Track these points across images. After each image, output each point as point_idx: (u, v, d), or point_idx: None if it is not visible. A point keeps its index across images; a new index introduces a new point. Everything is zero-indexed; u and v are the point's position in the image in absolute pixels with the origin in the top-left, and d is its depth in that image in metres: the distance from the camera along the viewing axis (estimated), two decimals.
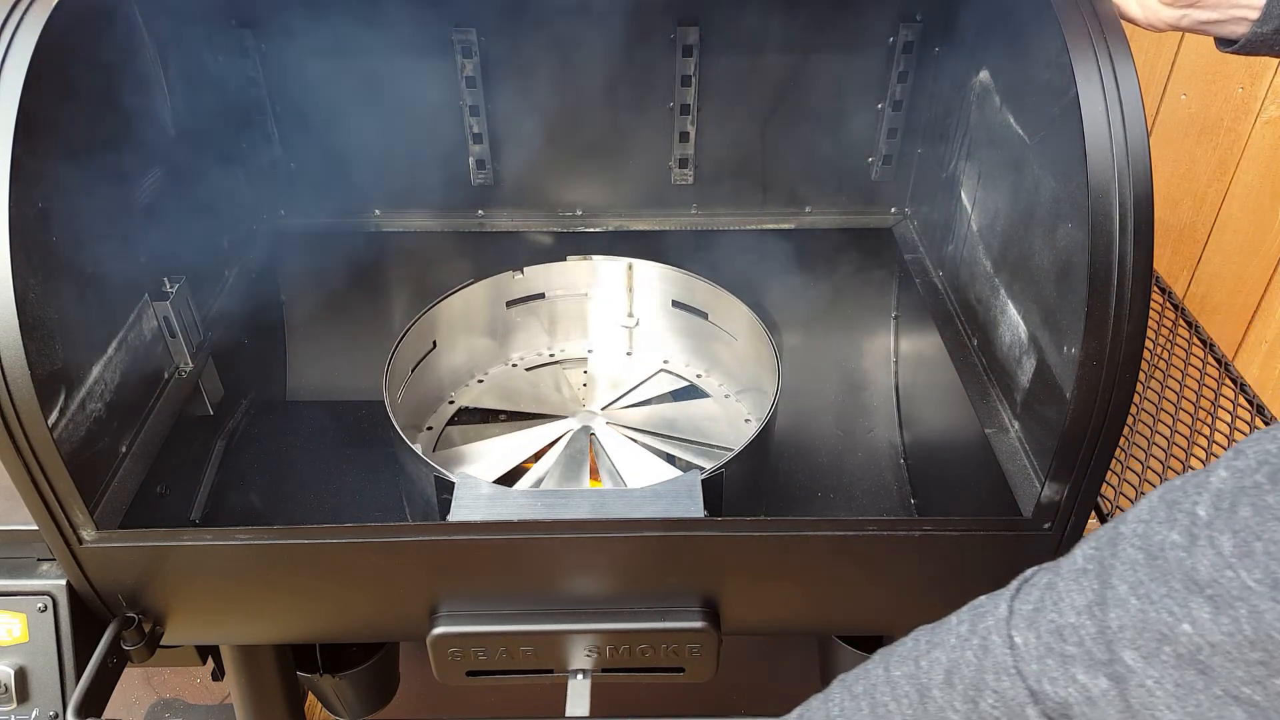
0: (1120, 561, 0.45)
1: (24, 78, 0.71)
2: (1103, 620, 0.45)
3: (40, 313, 0.76)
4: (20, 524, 0.82)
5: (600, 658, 0.90)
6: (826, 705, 0.64)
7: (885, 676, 0.60)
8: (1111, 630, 0.44)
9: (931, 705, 0.55)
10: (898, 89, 1.23)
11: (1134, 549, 0.45)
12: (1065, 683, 0.46)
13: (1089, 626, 0.45)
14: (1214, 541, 0.41)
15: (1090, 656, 0.45)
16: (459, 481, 0.90)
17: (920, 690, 0.56)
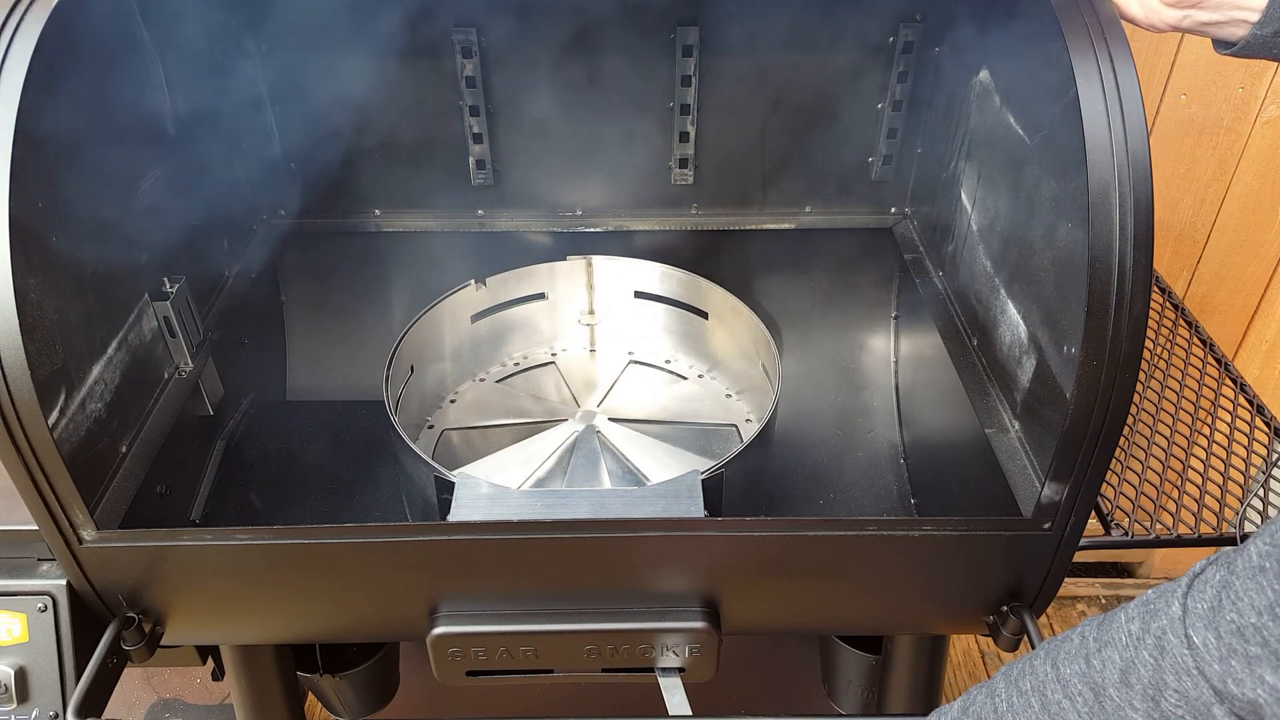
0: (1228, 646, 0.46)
1: (24, 78, 0.71)
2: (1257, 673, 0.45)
3: (40, 313, 0.76)
4: (20, 524, 0.82)
5: (600, 658, 0.90)
6: (994, 701, 0.64)
7: (1054, 674, 0.60)
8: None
9: (1109, 704, 0.55)
10: (898, 89, 1.23)
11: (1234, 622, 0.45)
12: (1253, 684, 0.46)
13: (1273, 628, 0.45)
14: None
15: (1277, 657, 0.45)
16: (459, 482, 0.90)
17: (1095, 689, 0.56)
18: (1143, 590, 1.51)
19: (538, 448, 1.14)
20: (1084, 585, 2.14)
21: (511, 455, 1.13)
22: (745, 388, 1.27)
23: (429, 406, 1.26)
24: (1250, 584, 0.47)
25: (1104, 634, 0.57)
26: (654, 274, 1.29)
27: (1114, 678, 0.55)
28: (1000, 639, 0.91)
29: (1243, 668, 0.46)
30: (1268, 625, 0.45)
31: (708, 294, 1.26)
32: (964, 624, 0.97)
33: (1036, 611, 0.90)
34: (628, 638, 0.88)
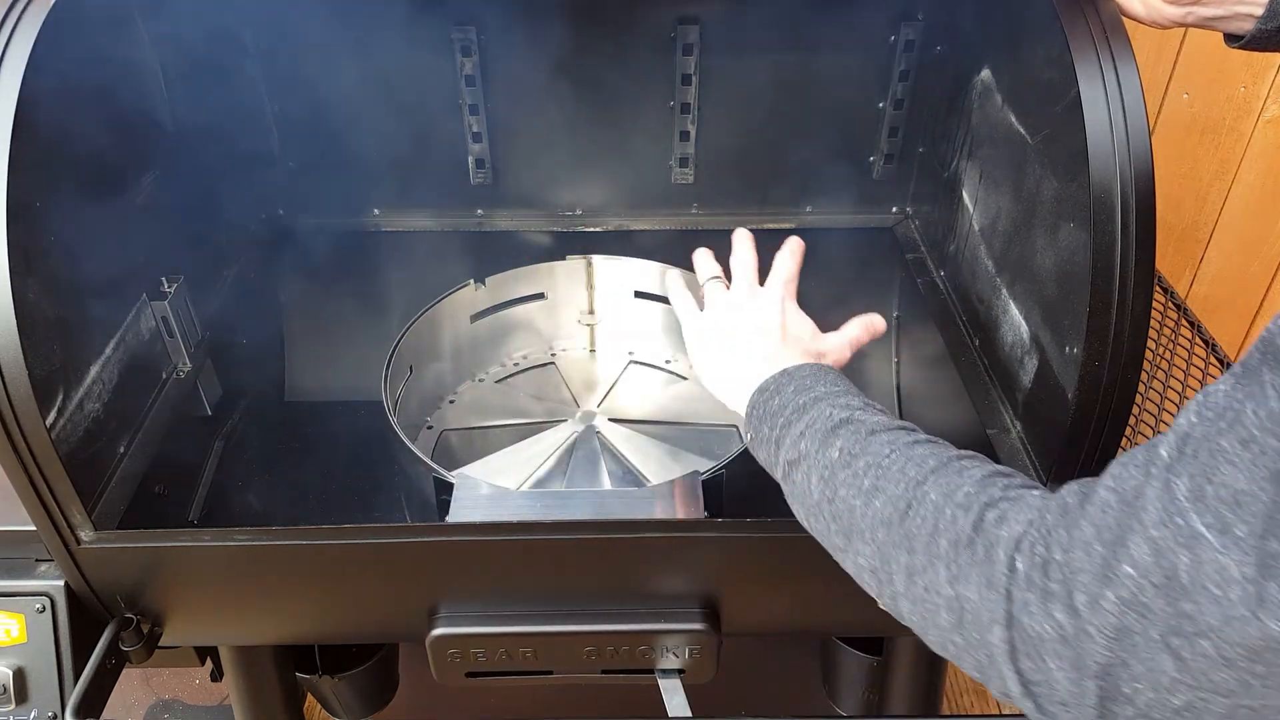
0: (1092, 505, 0.46)
1: (22, 77, 0.71)
2: (1070, 556, 0.46)
3: (38, 313, 0.75)
4: (18, 524, 0.82)
5: (600, 659, 0.90)
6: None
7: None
8: (1074, 569, 0.45)
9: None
10: (899, 88, 1.22)
11: (1107, 490, 0.45)
12: (1043, 618, 0.47)
13: (1066, 564, 0.46)
14: (1170, 485, 0.41)
15: (1070, 598, 0.46)
16: (458, 482, 0.90)
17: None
18: None
19: (537, 448, 1.14)
20: None
21: (511, 456, 1.13)
22: None
23: (428, 407, 1.25)
24: (1061, 522, 0.48)
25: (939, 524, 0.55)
26: (654, 274, 1.29)
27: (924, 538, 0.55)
28: None
29: (1038, 602, 0.47)
30: (1070, 561, 0.46)
31: None
32: None
33: None
34: (627, 639, 0.88)
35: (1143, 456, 0.44)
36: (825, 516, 0.62)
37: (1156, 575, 0.41)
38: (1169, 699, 0.42)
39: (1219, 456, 0.39)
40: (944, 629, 0.53)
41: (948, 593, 0.52)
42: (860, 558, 0.59)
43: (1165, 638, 0.41)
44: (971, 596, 0.51)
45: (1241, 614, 0.37)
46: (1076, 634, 0.45)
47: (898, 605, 0.57)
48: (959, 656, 0.53)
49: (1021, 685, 0.49)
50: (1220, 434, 0.39)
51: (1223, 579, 0.38)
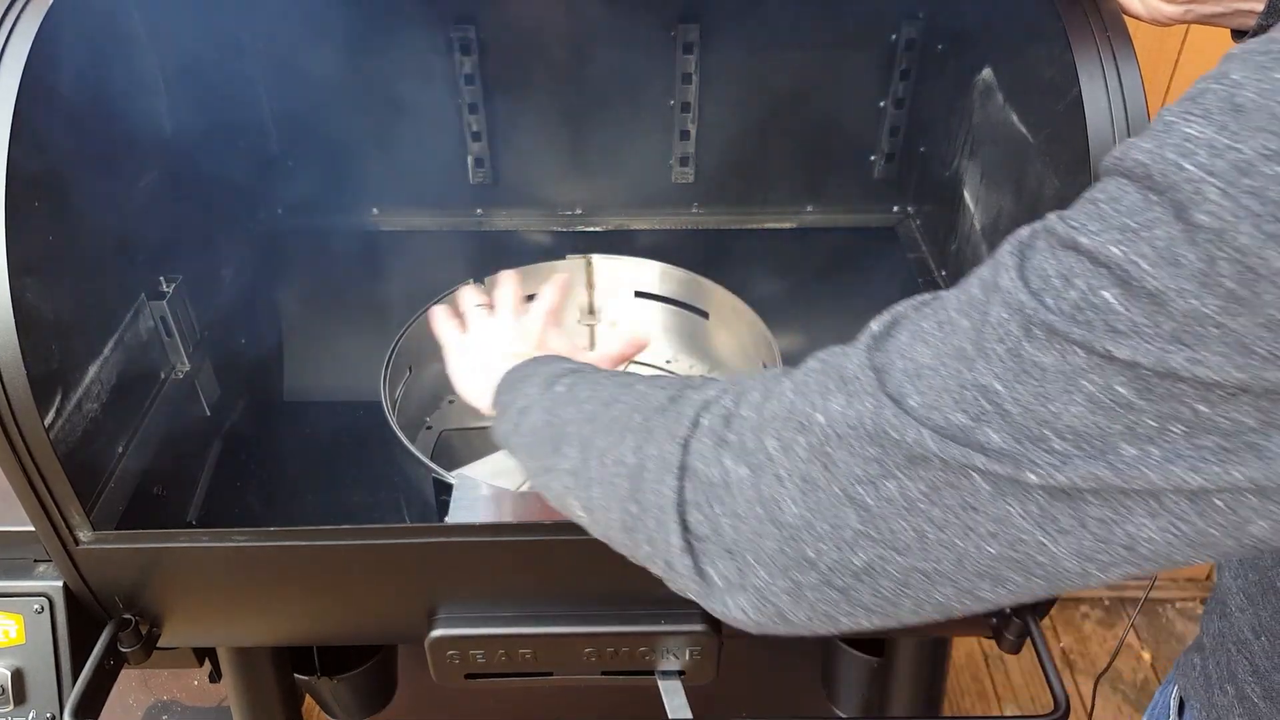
0: (797, 371, 0.48)
1: (20, 77, 0.71)
2: (762, 411, 0.47)
3: (36, 313, 0.75)
4: (16, 525, 0.82)
5: (600, 660, 0.89)
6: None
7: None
8: (765, 420, 0.46)
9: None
10: (900, 87, 1.22)
11: (814, 360, 0.48)
12: (715, 464, 0.48)
13: (753, 418, 0.48)
14: (871, 352, 0.44)
15: (742, 445, 0.47)
16: (458, 483, 0.90)
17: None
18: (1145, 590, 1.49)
19: None
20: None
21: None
22: None
23: (427, 407, 1.25)
24: (757, 382, 0.50)
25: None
26: (654, 273, 1.28)
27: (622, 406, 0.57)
28: (1003, 642, 0.90)
29: (712, 449, 0.48)
30: (750, 417, 0.48)
31: (708, 294, 1.25)
32: (967, 626, 0.96)
33: (1039, 614, 0.89)
34: (627, 640, 0.88)
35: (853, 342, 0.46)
36: (543, 440, 0.62)
37: (842, 426, 0.42)
38: (851, 558, 0.43)
39: (918, 336, 0.42)
40: (623, 498, 0.53)
41: (632, 461, 0.53)
42: (565, 462, 0.59)
43: (848, 488, 0.42)
44: (652, 454, 0.51)
45: (916, 447, 0.40)
46: (755, 481, 0.45)
47: (591, 501, 0.57)
48: (635, 529, 0.53)
49: (684, 541, 0.49)
50: (923, 318, 0.43)
51: (901, 426, 0.40)
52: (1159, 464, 0.37)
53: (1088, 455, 0.38)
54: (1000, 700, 1.91)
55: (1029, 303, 0.38)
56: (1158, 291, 0.35)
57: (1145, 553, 0.39)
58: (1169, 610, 2.10)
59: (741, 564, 0.47)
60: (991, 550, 0.41)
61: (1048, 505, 0.39)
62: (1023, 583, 0.42)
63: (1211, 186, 0.34)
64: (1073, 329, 0.37)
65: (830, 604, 0.45)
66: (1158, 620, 2.08)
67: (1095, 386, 0.37)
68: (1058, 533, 0.40)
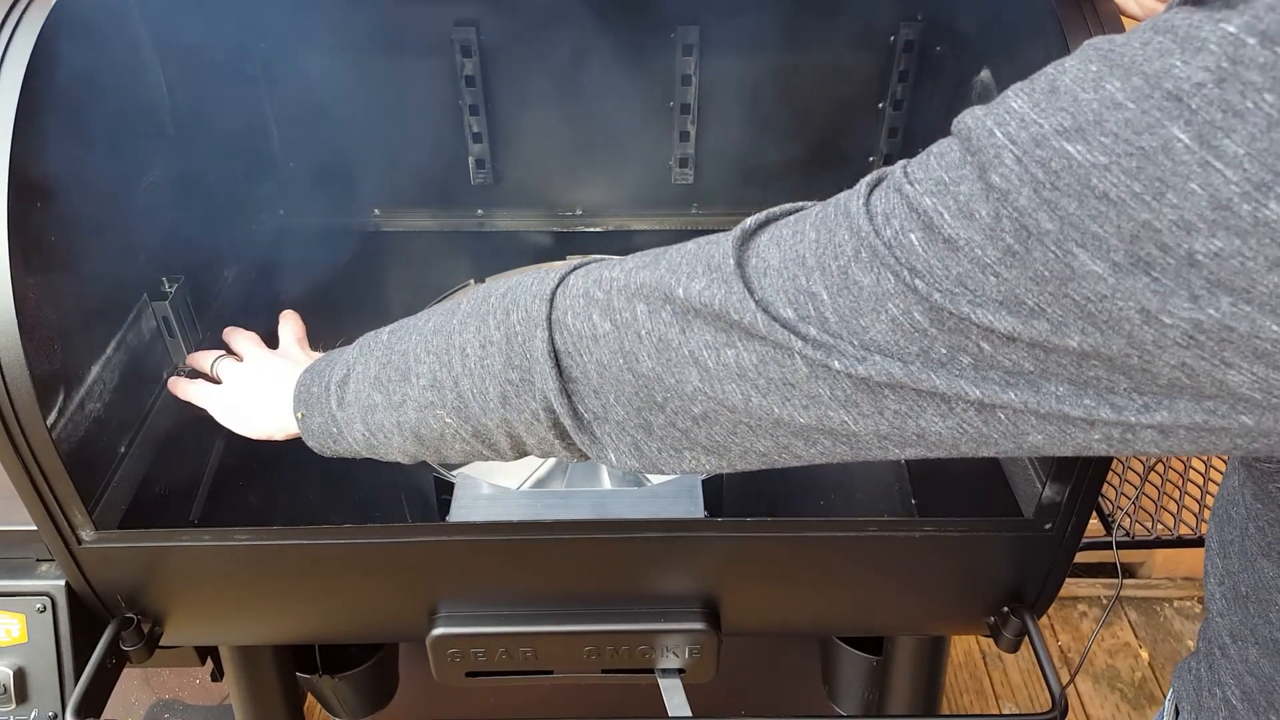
0: (680, 250, 0.54)
1: (22, 77, 0.71)
2: (632, 277, 0.53)
3: (39, 313, 0.76)
4: (19, 524, 0.82)
5: (600, 659, 0.90)
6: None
7: None
8: (635, 286, 0.53)
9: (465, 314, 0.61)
10: (899, 88, 1.22)
11: (696, 243, 0.54)
12: (585, 319, 0.54)
13: (621, 280, 0.54)
14: (730, 235, 0.52)
15: (610, 304, 0.53)
16: (458, 482, 0.90)
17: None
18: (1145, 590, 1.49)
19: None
20: (1085, 586, 2.14)
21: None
22: None
23: None
24: (631, 259, 0.56)
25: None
26: None
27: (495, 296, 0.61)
28: (1001, 640, 0.91)
29: (584, 308, 0.54)
30: (617, 278, 0.54)
31: None
32: (965, 625, 0.97)
33: (1037, 612, 0.90)
34: (627, 639, 0.88)
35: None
36: (386, 381, 0.64)
37: (698, 302, 0.49)
38: (690, 406, 0.51)
39: (774, 240, 0.51)
40: (498, 372, 0.57)
41: (498, 336, 0.57)
42: (421, 380, 0.61)
43: (696, 351, 0.49)
44: (519, 318, 0.56)
45: (751, 327, 0.47)
46: (619, 337, 0.52)
47: (461, 397, 0.59)
48: (517, 394, 0.57)
49: (559, 384, 0.54)
50: (784, 225, 0.52)
51: (742, 308, 0.47)
52: (946, 378, 0.43)
53: (888, 358, 0.44)
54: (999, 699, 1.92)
55: (865, 228, 0.44)
56: (951, 239, 0.40)
57: (934, 441, 0.46)
58: (1167, 609, 2.11)
59: (605, 402, 0.54)
60: (803, 420, 0.48)
61: (852, 392, 0.46)
62: (830, 446, 0.50)
63: (1009, 153, 0.39)
64: (888, 258, 0.43)
65: (674, 441, 0.53)
66: (1156, 619, 2.08)
67: (898, 310, 0.43)
68: (859, 415, 0.46)
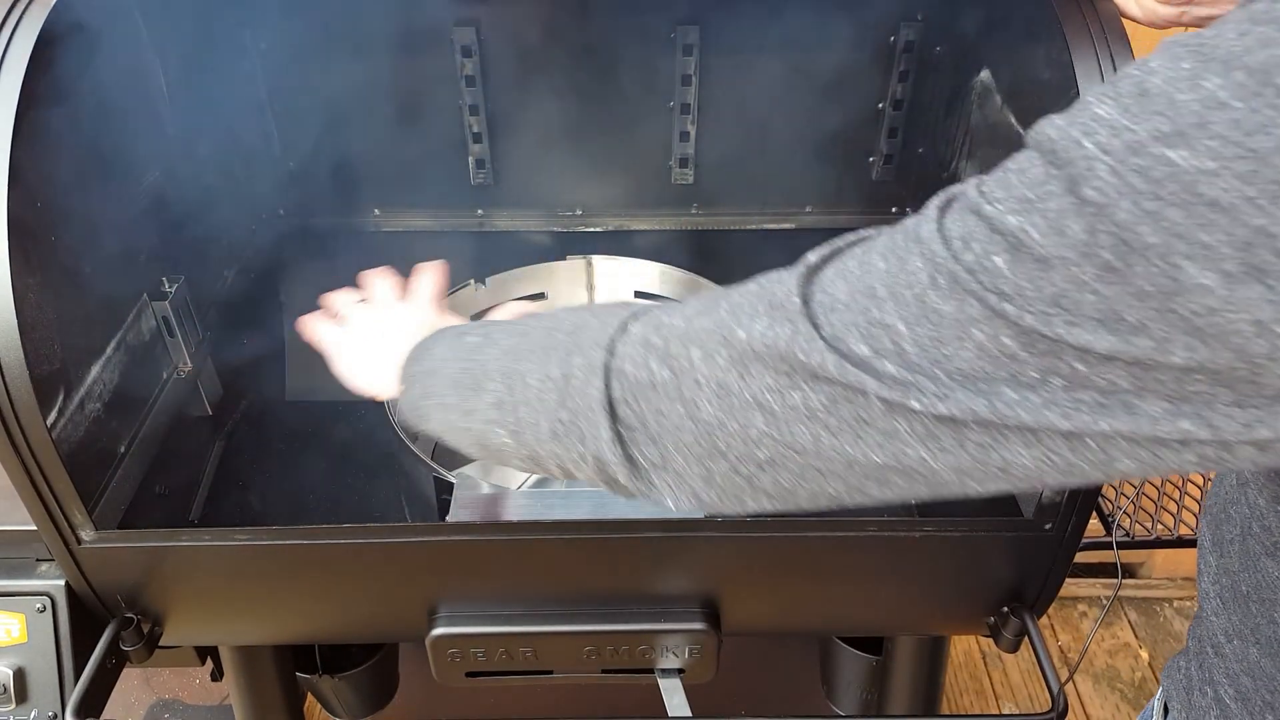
0: (733, 290, 0.52)
1: (22, 77, 0.71)
2: (692, 323, 0.52)
3: (39, 313, 0.76)
4: (19, 524, 0.82)
5: (600, 659, 0.90)
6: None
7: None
8: (693, 331, 0.51)
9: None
10: (899, 88, 1.22)
11: (752, 283, 0.52)
12: (642, 366, 0.52)
13: (680, 327, 0.52)
14: (793, 270, 0.50)
15: (667, 351, 0.52)
16: (458, 482, 0.90)
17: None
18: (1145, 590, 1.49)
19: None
20: (1085, 586, 2.14)
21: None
22: None
23: None
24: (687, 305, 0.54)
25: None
26: (654, 274, 1.29)
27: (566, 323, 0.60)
28: (1001, 640, 0.90)
29: (641, 354, 0.53)
30: (677, 324, 0.53)
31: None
32: (965, 625, 0.97)
33: (1037, 612, 0.90)
34: (627, 639, 0.88)
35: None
36: (462, 387, 0.65)
37: (759, 344, 0.47)
38: (755, 452, 0.49)
39: (840, 273, 0.47)
40: (552, 409, 0.56)
41: (557, 374, 0.57)
42: (489, 397, 0.62)
43: (758, 395, 0.47)
44: (578, 363, 0.55)
45: (820, 369, 0.45)
46: (677, 384, 0.51)
47: (519, 422, 0.59)
48: (565, 435, 0.56)
49: (614, 431, 0.53)
50: (850, 256, 0.48)
51: (809, 348, 0.45)
52: (1036, 408, 0.41)
53: (971, 393, 0.42)
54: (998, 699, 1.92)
55: (941, 254, 0.42)
56: (1044, 259, 0.38)
57: (1018, 475, 0.44)
58: (1167, 609, 2.11)
59: (663, 450, 0.53)
60: (878, 459, 0.46)
61: (932, 427, 0.43)
62: (906, 486, 0.47)
63: (1103, 164, 0.37)
64: (970, 283, 0.41)
65: (737, 488, 0.52)
66: (1156, 619, 2.08)
67: (985, 336, 0.41)
68: (939, 450, 0.44)
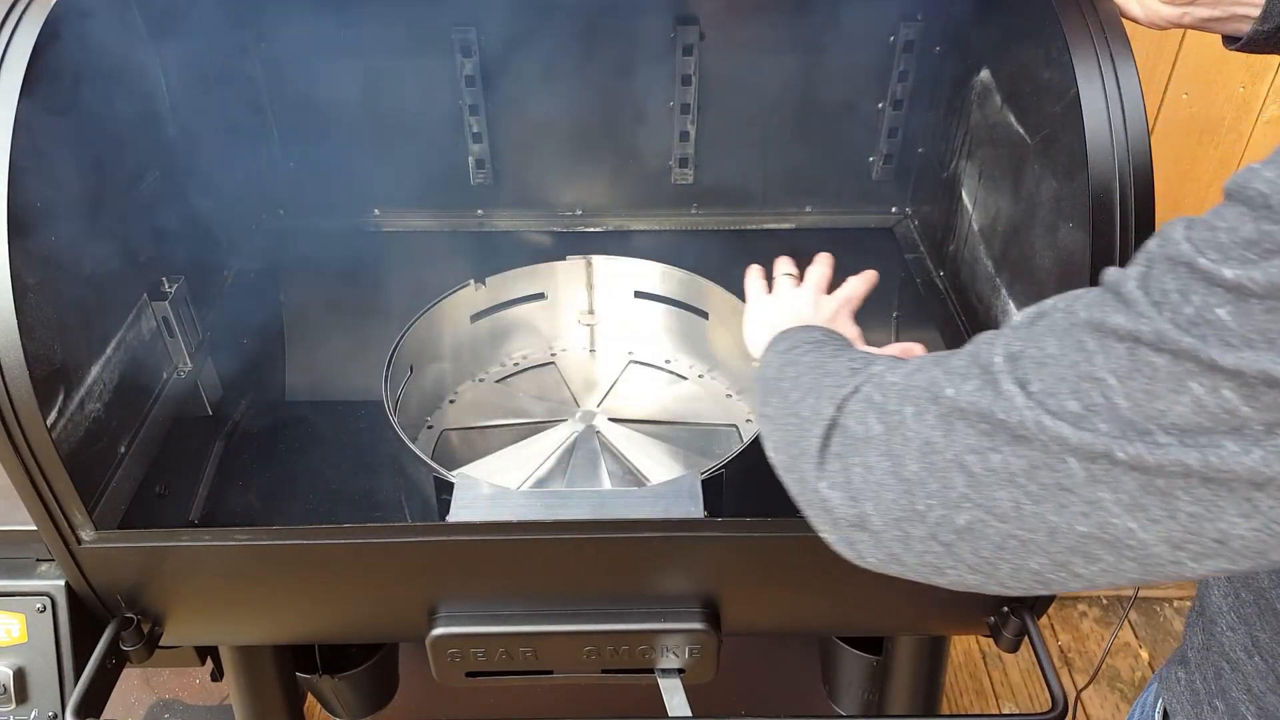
0: (952, 356, 0.53)
1: (23, 77, 0.71)
2: (910, 379, 0.53)
3: (39, 313, 0.76)
4: (19, 524, 0.82)
5: (600, 659, 0.90)
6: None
7: None
8: (908, 387, 0.52)
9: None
10: (898, 88, 1.22)
11: (968, 345, 0.53)
12: (862, 421, 0.54)
13: (899, 384, 0.53)
14: (1002, 332, 0.50)
15: (885, 407, 0.53)
16: (458, 482, 0.90)
17: None
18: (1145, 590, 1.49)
19: (537, 448, 1.14)
20: None
21: (511, 455, 1.13)
22: (746, 388, 1.27)
23: (428, 406, 1.25)
24: (921, 363, 0.55)
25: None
26: (654, 274, 1.29)
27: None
28: (1001, 640, 0.90)
29: (862, 409, 0.55)
30: (898, 382, 0.54)
31: (708, 294, 1.26)
32: (965, 624, 0.97)
33: (1037, 612, 0.90)
34: (627, 639, 0.88)
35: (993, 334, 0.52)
36: (766, 390, 0.70)
37: (964, 401, 0.48)
38: (954, 516, 0.48)
39: (1050, 329, 0.47)
40: (789, 444, 0.60)
41: (802, 414, 0.60)
42: (769, 409, 0.67)
43: (960, 455, 0.48)
44: (813, 409, 0.59)
45: (1019, 428, 0.45)
46: (887, 438, 0.52)
47: (775, 443, 0.64)
48: (790, 469, 0.60)
49: (819, 486, 0.55)
50: (1056, 310, 0.48)
51: (1010, 407, 0.45)
52: (1258, 461, 0.39)
53: (1187, 447, 0.41)
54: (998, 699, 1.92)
55: (1147, 310, 0.42)
56: (1270, 310, 0.38)
57: (1237, 548, 0.42)
58: (1167, 609, 2.11)
59: (861, 510, 0.53)
60: (1082, 529, 0.44)
61: (1139, 494, 0.42)
62: (1114, 562, 0.45)
63: None
64: (1184, 338, 0.40)
65: (935, 556, 0.51)
66: (1155, 619, 2.08)
67: (1204, 389, 0.40)
68: (1148, 521, 0.43)
